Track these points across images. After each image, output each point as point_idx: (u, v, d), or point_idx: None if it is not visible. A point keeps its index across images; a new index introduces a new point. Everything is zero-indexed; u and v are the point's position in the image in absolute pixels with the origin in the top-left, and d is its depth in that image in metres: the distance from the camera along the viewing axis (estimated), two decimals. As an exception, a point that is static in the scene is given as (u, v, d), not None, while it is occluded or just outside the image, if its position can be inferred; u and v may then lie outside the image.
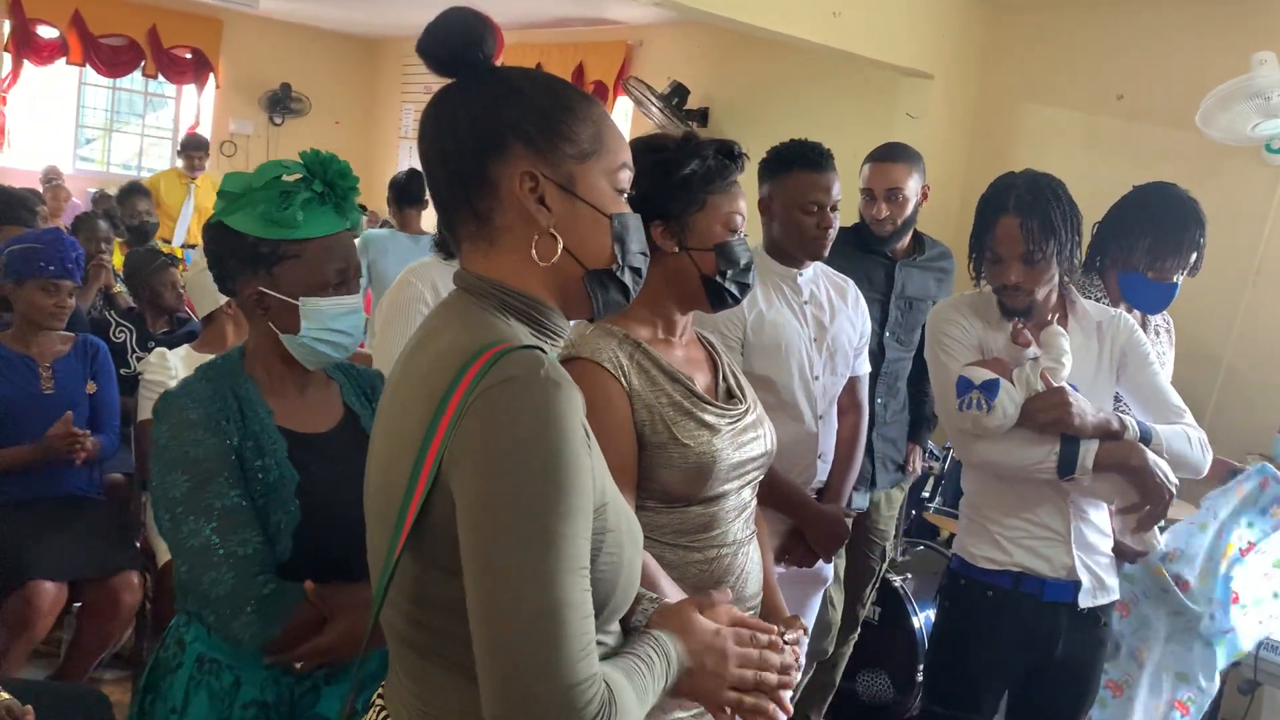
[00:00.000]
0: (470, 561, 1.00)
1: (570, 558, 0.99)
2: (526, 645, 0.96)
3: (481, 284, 1.14)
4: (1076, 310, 2.25)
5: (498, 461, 0.99)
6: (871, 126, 4.94)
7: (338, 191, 1.59)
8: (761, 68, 6.59)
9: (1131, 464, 2.08)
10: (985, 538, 2.22)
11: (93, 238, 4.62)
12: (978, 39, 5.11)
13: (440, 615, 1.08)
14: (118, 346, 3.83)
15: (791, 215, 2.47)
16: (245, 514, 1.52)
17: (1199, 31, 4.44)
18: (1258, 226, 4.24)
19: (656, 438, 1.63)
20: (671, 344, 1.76)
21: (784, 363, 2.45)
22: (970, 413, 2.08)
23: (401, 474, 1.06)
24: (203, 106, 10.00)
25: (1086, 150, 4.82)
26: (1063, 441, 2.07)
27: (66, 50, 9.08)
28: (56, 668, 3.14)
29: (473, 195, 1.12)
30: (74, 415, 3.12)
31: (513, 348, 1.04)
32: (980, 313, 2.24)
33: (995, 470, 2.17)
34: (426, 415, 1.04)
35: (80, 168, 9.79)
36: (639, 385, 1.63)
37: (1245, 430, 4.10)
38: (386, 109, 10.49)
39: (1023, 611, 2.18)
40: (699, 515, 1.68)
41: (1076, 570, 2.17)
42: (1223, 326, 4.24)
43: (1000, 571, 2.19)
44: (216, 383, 1.61)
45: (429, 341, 1.14)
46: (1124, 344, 2.23)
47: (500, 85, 1.13)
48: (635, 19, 7.42)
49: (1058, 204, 2.10)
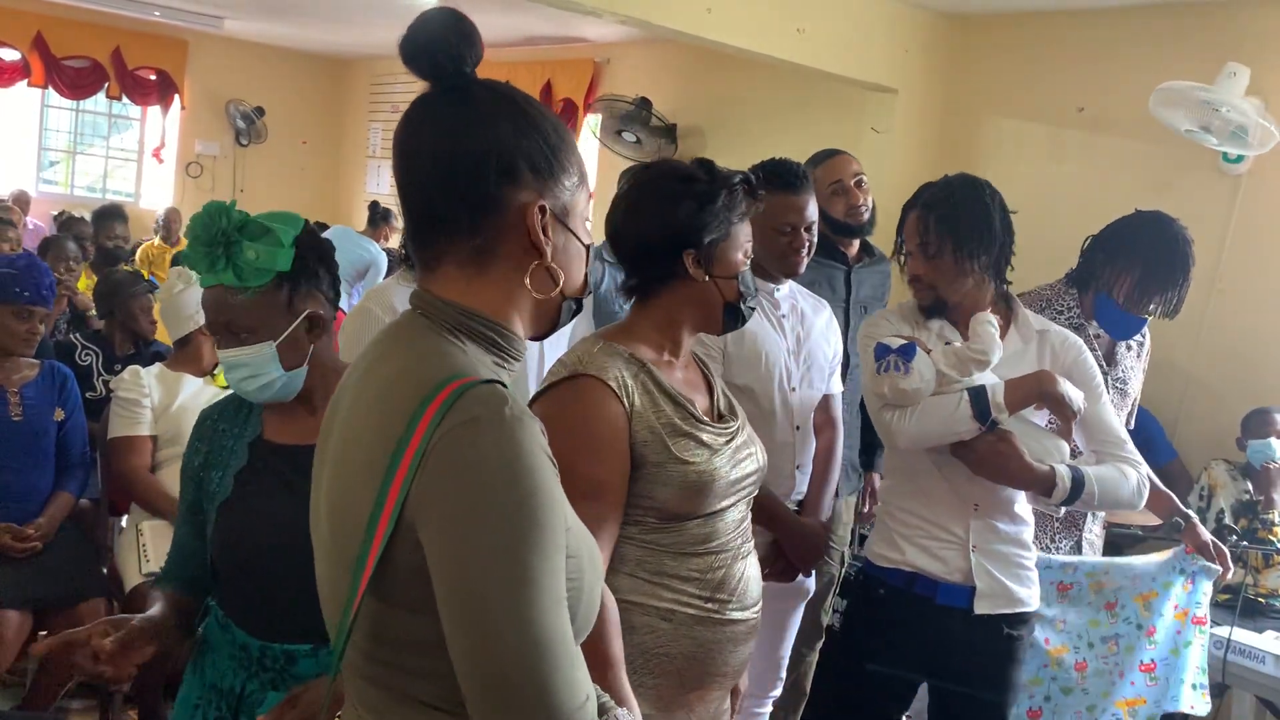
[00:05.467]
0: (449, 607, 0.98)
1: (552, 590, 0.99)
2: (520, 682, 0.96)
3: (444, 307, 1.10)
4: (1017, 317, 2.25)
5: (471, 505, 0.97)
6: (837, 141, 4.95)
7: (207, 248, 1.61)
8: (728, 85, 6.63)
9: (1045, 390, 2.06)
10: (885, 536, 2.22)
11: (61, 258, 4.58)
12: (941, 53, 5.17)
13: (403, 652, 1.06)
14: (83, 369, 3.79)
15: (766, 234, 2.50)
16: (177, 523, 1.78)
17: (1158, 44, 4.52)
18: (1219, 236, 4.31)
19: (656, 457, 1.66)
20: (674, 366, 1.80)
21: (764, 373, 2.48)
22: (888, 376, 2.06)
23: (358, 515, 1.02)
24: (168, 128, 9.94)
25: (1049, 161, 4.88)
26: (970, 391, 2.05)
27: (29, 72, 9.00)
28: (22, 697, 3.09)
29: (477, 219, 1.08)
30: (42, 442, 3.09)
31: (472, 383, 1.01)
32: (907, 319, 2.27)
33: (920, 443, 2.11)
34: (383, 455, 1.00)
35: (44, 190, 9.69)
36: (641, 405, 1.66)
37: (1209, 437, 4.16)
38: (354, 128, 10.46)
39: (916, 611, 2.15)
40: (696, 531, 1.72)
41: (973, 575, 2.12)
42: (1186, 334, 4.29)
43: (893, 569, 2.18)
44: (230, 397, 1.79)
45: (379, 366, 1.11)
46: (1069, 364, 2.19)
47: (513, 109, 1.10)
48: (603, 37, 7.45)
49: (972, 205, 2.13)
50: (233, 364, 1.66)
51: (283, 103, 10.10)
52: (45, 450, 3.15)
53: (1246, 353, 4.23)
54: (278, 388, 1.68)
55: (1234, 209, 4.30)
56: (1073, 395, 2.06)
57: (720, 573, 1.72)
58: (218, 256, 1.60)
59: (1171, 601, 2.54)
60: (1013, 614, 2.16)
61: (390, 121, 9.89)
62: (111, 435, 3.09)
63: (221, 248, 1.60)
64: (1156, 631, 2.53)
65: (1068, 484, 2.03)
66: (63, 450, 3.21)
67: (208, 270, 1.62)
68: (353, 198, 10.29)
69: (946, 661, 2.17)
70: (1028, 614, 2.19)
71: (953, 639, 2.14)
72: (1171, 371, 4.18)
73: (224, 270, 1.61)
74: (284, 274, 1.64)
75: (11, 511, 3.04)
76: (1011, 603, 2.15)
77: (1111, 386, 2.59)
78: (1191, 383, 4.30)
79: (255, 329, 1.65)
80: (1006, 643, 2.16)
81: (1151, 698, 2.53)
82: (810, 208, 2.51)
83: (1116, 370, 2.61)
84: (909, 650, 2.18)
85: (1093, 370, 2.21)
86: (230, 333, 1.65)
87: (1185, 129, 3.92)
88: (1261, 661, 2.87)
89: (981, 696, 2.17)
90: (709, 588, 1.72)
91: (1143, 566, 2.55)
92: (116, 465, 3.12)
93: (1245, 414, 3.89)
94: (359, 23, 8.21)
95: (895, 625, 2.18)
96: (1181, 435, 4.28)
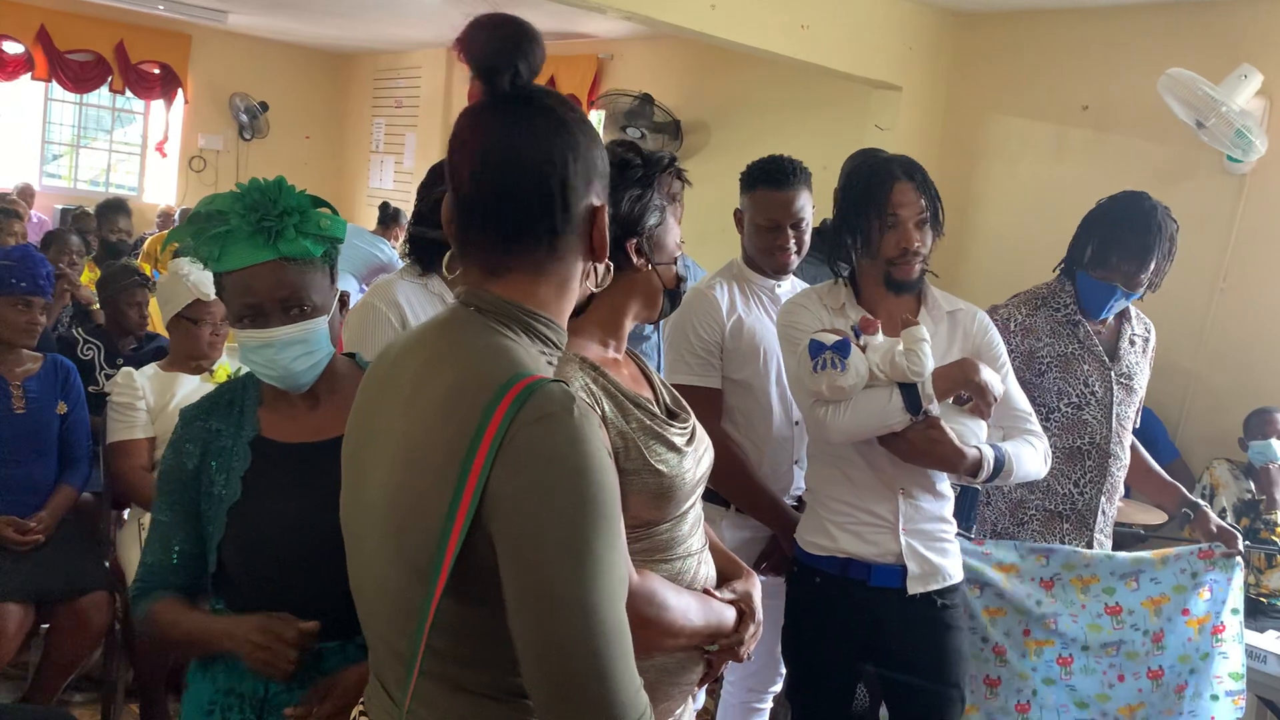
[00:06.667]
0: (521, 597, 1.02)
1: (618, 582, 1.04)
2: (584, 669, 1.01)
3: (507, 307, 1.14)
4: (929, 299, 2.27)
5: (545, 498, 1.01)
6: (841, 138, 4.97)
7: (267, 222, 1.56)
8: (732, 81, 6.63)
9: (969, 378, 2.11)
10: (816, 524, 2.24)
11: (65, 251, 4.59)
12: (946, 51, 5.17)
13: (462, 644, 1.10)
14: (85, 364, 3.80)
15: (754, 230, 2.54)
16: (165, 529, 1.65)
17: (1163, 43, 4.51)
18: (1223, 235, 4.30)
19: (630, 464, 1.58)
20: (618, 362, 1.74)
21: (762, 367, 2.49)
22: (825, 373, 2.06)
23: (429, 512, 1.05)
24: (171, 122, 9.94)
25: (1053, 160, 4.88)
26: (901, 385, 2.08)
27: (32, 66, 9.00)
28: (25, 690, 3.09)
29: (558, 222, 1.14)
30: (44, 435, 3.09)
31: (540, 381, 1.05)
32: (825, 301, 2.27)
33: (853, 437, 2.14)
34: (457, 451, 1.04)
35: (47, 184, 9.70)
36: (610, 411, 1.59)
37: (1211, 436, 4.16)
38: (357, 123, 10.46)
39: (850, 596, 2.18)
40: (664, 534, 1.66)
41: (904, 556, 2.16)
42: (1191, 333, 4.29)
43: (828, 557, 2.20)
44: (232, 392, 1.69)
45: (439, 364, 1.13)
46: (978, 342, 2.25)
47: (579, 120, 1.17)
48: (607, 33, 7.44)
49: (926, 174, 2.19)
50: (289, 341, 1.59)
51: (286, 97, 10.11)
52: (48, 443, 3.15)
53: (1249, 353, 4.22)
54: (323, 367, 1.64)
55: (1238, 208, 4.30)
56: (993, 382, 2.12)
57: (688, 576, 1.68)
58: (279, 229, 1.56)
59: (1182, 608, 2.52)
60: (943, 588, 2.21)
61: (394, 117, 9.89)
62: (109, 439, 3.10)
63: (284, 219, 1.56)
64: (1165, 637, 2.50)
65: (991, 463, 2.11)
66: (65, 443, 3.21)
67: (266, 244, 1.56)
68: (355, 193, 10.30)
69: (887, 643, 2.20)
70: (956, 585, 2.25)
71: (889, 620, 2.18)
72: (1174, 371, 4.18)
73: (292, 241, 1.57)
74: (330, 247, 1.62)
75: (14, 504, 3.04)
76: (940, 579, 2.21)
77: (1116, 381, 2.58)
78: (1194, 382, 4.30)
79: (316, 304, 1.61)
80: (941, 612, 2.22)
81: (1153, 705, 2.51)
82: (797, 204, 2.50)
83: (1120, 365, 2.60)
84: (848, 635, 2.21)
85: (999, 348, 2.27)
86: (284, 310, 1.59)
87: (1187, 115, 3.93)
88: (1263, 661, 2.88)
89: (930, 672, 2.21)
90: None
91: (1123, 559, 2.53)
92: (115, 468, 3.12)
93: (1247, 414, 3.89)
94: (363, 17, 8.21)
95: (832, 612, 2.21)
96: (1184, 435, 4.28)
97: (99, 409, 3.28)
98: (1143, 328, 2.72)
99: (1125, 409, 2.61)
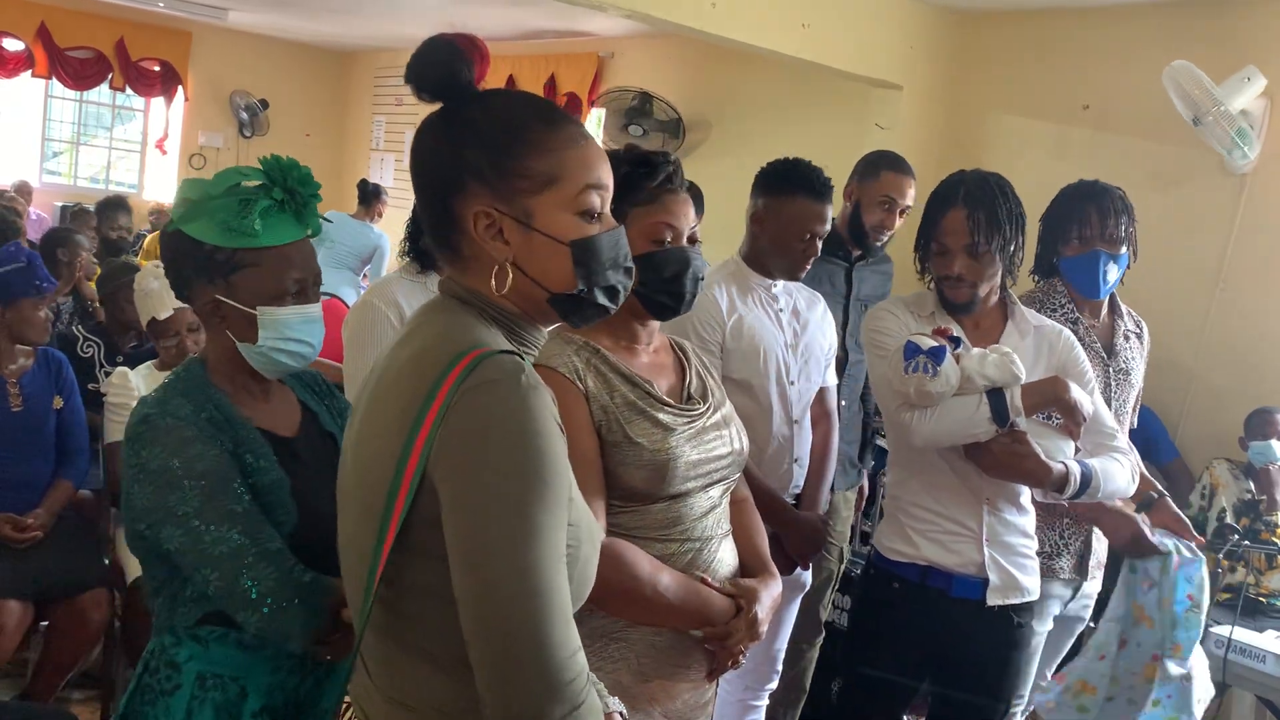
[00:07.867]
0: (458, 553, 1.06)
1: (553, 545, 1.07)
2: (516, 628, 1.04)
3: (467, 294, 1.20)
4: (1015, 314, 2.29)
5: (483, 458, 1.05)
6: (842, 137, 4.98)
7: (298, 199, 1.57)
8: (732, 80, 6.62)
9: (1059, 397, 2.13)
10: (897, 530, 2.23)
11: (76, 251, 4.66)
12: (946, 50, 5.16)
13: (417, 599, 1.13)
14: (85, 361, 3.79)
15: (784, 238, 2.51)
16: (260, 515, 1.52)
17: (1163, 43, 4.50)
18: (1223, 234, 4.29)
19: (612, 436, 1.67)
20: (635, 351, 1.79)
21: (761, 367, 2.49)
22: (916, 376, 2.07)
23: (385, 469, 1.10)
24: (171, 119, 9.93)
25: (1054, 159, 4.86)
26: (989, 394, 2.09)
27: (32, 63, 9.00)
28: (24, 687, 3.09)
29: (440, 227, 1.19)
30: (41, 432, 3.09)
31: (492, 352, 1.10)
32: (912, 309, 2.28)
33: (936, 443, 2.14)
34: (409, 413, 1.09)
35: (47, 181, 9.70)
36: (594, 387, 1.68)
37: (1211, 436, 4.15)
38: (357, 121, 10.45)
39: (929, 605, 2.18)
40: (662, 512, 1.71)
41: (986, 567, 2.16)
42: (1190, 332, 4.29)
43: (908, 564, 2.20)
44: (193, 397, 1.57)
45: (410, 339, 1.20)
46: (1064, 359, 2.25)
47: (462, 123, 1.17)
48: (607, 31, 7.43)
49: (1004, 200, 2.16)
50: (313, 318, 1.61)
51: (286, 95, 10.10)
52: (45, 439, 3.15)
53: (1250, 352, 4.22)
54: None
55: (1239, 207, 4.29)
56: (1083, 402, 2.12)
57: (688, 558, 1.71)
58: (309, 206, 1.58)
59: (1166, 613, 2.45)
60: (1020, 604, 2.21)
61: (394, 114, 9.88)
62: (107, 439, 3.10)
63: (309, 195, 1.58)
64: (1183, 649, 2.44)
65: (1078, 479, 2.11)
66: (62, 438, 3.21)
67: (308, 221, 1.59)
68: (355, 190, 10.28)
69: (955, 654, 2.20)
70: (1032, 603, 2.25)
71: (962, 631, 2.17)
72: (1174, 370, 4.18)
73: (314, 217, 1.60)
74: None
75: (12, 501, 3.05)
76: (1020, 593, 2.20)
77: (1115, 377, 2.61)
78: (1194, 381, 4.29)
79: None
80: (1015, 631, 2.21)
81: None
82: (828, 213, 2.52)
83: (1118, 361, 2.62)
84: (918, 644, 2.21)
85: (1084, 365, 2.28)
86: (313, 286, 1.61)
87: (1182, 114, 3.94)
88: (1262, 661, 2.88)
89: (988, 686, 2.21)
90: None
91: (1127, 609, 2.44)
92: (114, 468, 3.12)
93: (1248, 414, 3.88)
94: (363, 15, 8.20)
95: (906, 619, 2.20)
96: (1184, 434, 4.28)
97: (98, 407, 3.28)
98: (1134, 323, 2.76)
99: (1124, 402, 2.64)
